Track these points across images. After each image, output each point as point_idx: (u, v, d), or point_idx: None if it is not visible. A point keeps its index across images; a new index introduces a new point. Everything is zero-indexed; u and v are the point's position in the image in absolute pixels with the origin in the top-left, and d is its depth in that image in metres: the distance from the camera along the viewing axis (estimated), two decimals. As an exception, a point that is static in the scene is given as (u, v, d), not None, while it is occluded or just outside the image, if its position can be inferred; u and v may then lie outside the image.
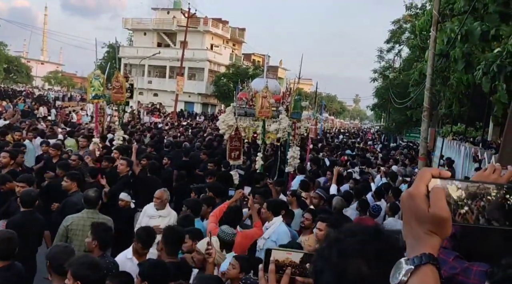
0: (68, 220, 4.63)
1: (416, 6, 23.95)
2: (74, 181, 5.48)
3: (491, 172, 1.31)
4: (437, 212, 0.83)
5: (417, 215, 0.86)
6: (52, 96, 39.37)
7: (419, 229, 0.86)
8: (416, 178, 0.91)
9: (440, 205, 0.84)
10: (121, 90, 9.53)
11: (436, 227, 0.84)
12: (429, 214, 0.84)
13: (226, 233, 4.02)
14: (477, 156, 10.51)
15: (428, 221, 0.84)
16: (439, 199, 0.84)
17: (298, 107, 10.57)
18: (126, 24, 48.25)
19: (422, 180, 0.88)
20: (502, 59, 6.64)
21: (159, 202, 5.32)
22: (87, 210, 4.76)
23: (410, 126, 27.93)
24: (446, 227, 0.84)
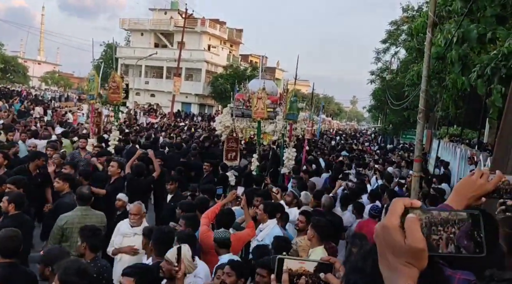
0: (62, 219, 4.63)
1: (413, 8, 23.99)
2: (66, 182, 5.44)
3: (478, 177, 1.30)
4: (414, 244, 0.83)
5: (393, 247, 0.85)
6: (48, 96, 39.26)
7: (395, 261, 0.85)
8: (389, 210, 0.90)
9: (416, 236, 0.83)
10: (117, 90, 9.50)
11: (413, 258, 0.84)
12: (405, 246, 0.83)
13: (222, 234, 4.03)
14: (473, 158, 10.52)
15: (405, 253, 0.84)
16: (415, 230, 0.84)
17: (293, 109, 10.55)
18: (123, 24, 48.19)
19: (395, 211, 0.88)
20: (496, 62, 6.63)
21: (137, 219, 4.64)
22: (80, 207, 4.79)
23: (407, 128, 27.98)
24: (423, 258, 0.84)
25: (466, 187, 1.29)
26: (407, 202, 0.89)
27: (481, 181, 1.28)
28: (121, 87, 9.50)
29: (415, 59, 19.34)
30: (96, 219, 4.80)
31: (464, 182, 1.31)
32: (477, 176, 1.30)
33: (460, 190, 1.30)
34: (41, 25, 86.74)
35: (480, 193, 1.28)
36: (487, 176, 1.30)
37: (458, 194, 1.29)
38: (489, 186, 1.29)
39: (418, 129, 6.85)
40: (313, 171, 10.53)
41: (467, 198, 1.27)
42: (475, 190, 1.27)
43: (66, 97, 42.08)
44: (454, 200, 1.28)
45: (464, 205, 1.25)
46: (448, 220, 0.89)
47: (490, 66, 6.65)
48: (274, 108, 11.53)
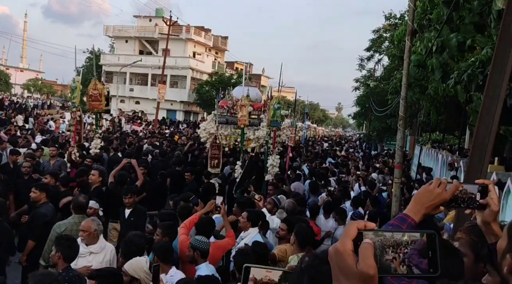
0: (60, 227, 4.69)
1: (395, 16, 24.37)
2: (43, 192, 5.33)
3: (436, 186, 1.30)
4: (365, 270, 0.84)
5: (345, 271, 0.87)
6: (30, 104, 38.64)
7: (347, 283, 0.87)
8: (342, 233, 0.91)
9: (367, 263, 0.85)
10: (99, 98, 9.37)
11: (363, 282, 0.85)
12: (356, 270, 0.85)
13: (202, 242, 3.97)
14: (453, 164, 10.66)
15: (355, 277, 0.85)
16: (367, 257, 0.85)
17: (277, 116, 10.57)
18: (107, 31, 47.87)
19: (348, 235, 0.89)
20: (473, 69, 6.75)
21: (87, 235, 4.27)
22: (77, 215, 4.85)
23: (391, 134, 28.29)
24: (374, 282, 0.86)
25: (424, 196, 1.29)
26: (361, 225, 0.91)
27: (439, 190, 1.29)
28: (103, 94, 9.38)
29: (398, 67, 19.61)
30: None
31: (422, 191, 1.31)
32: (435, 185, 1.30)
33: (418, 199, 1.30)
34: (24, 32, 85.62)
35: (438, 202, 1.28)
36: (444, 186, 1.30)
37: (416, 203, 1.29)
38: (446, 195, 1.29)
39: (398, 135, 6.90)
40: (295, 177, 10.53)
41: (425, 207, 1.27)
42: (433, 199, 1.28)
43: (48, 104, 41.48)
44: (412, 209, 1.28)
45: (422, 213, 1.25)
46: (401, 242, 0.90)
47: (467, 72, 6.77)
48: (258, 115, 11.54)
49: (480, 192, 1.33)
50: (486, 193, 1.33)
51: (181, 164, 10.71)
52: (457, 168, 10.47)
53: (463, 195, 1.33)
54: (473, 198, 1.33)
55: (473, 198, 1.33)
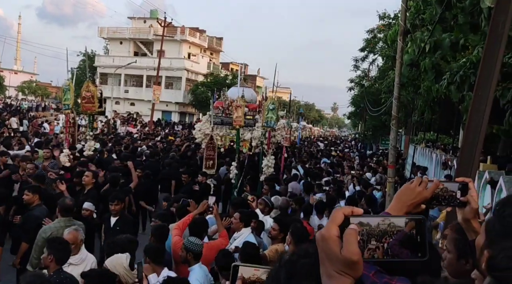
0: (46, 232, 4.60)
1: (389, 16, 24.45)
2: (36, 194, 5.31)
3: (417, 185, 1.32)
4: (348, 256, 0.86)
5: (330, 256, 0.89)
6: (25, 106, 38.44)
7: (332, 268, 0.88)
8: (329, 219, 0.93)
9: (351, 250, 0.86)
10: (92, 100, 9.35)
11: (347, 268, 0.87)
12: (341, 256, 0.87)
13: (195, 244, 3.97)
14: (447, 163, 10.72)
15: (340, 263, 0.87)
16: (351, 243, 0.87)
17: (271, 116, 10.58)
18: (102, 33, 47.74)
19: (334, 221, 0.91)
20: (465, 69, 6.79)
21: (74, 248, 4.00)
22: (63, 219, 4.77)
23: (386, 133, 28.39)
24: (357, 268, 0.88)
25: (405, 195, 1.31)
26: (348, 211, 0.92)
27: (419, 189, 1.31)
28: (95, 96, 9.37)
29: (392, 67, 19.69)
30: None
31: (404, 190, 1.33)
32: (416, 184, 1.32)
33: (400, 197, 1.32)
34: (18, 34, 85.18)
35: (419, 200, 1.30)
36: (425, 184, 1.32)
37: (398, 201, 1.31)
38: (427, 193, 1.31)
39: (391, 135, 6.96)
40: (292, 178, 10.55)
41: (407, 205, 1.29)
42: (414, 198, 1.30)
43: (43, 106, 41.29)
44: (394, 207, 1.29)
45: (404, 212, 1.27)
46: (387, 231, 0.92)
47: (459, 73, 6.81)
48: (253, 115, 11.56)
49: (460, 190, 1.35)
50: (466, 191, 1.35)
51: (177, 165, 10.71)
52: (451, 167, 10.53)
53: (444, 193, 1.35)
54: (454, 196, 1.35)
55: (453, 196, 1.35)
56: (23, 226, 5.11)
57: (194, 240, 4.04)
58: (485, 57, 3.73)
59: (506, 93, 6.80)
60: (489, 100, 3.58)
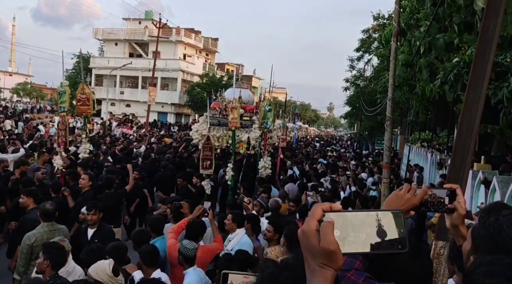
0: (30, 238, 4.54)
1: (383, 16, 24.53)
2: (31, 197, 5.30)
3: (406, 191, 1.34)
4: (325, 246, 0.88)
5: (310, 250, 0.91)
6: (20, 108, 38.31)
7: (313, 262, 0.91)
8: (308, 215, 0.95)
9: (327, 240, 0.88)
10: (87, 102, 9.34)
11: (326, 259, 0.89)
12: (319, 248, 0.89)
13: (188, 248, 3.98)
14: (442, 163, 10.78)
15: (319, 255, 0.90)
16: (327, 234, 0.89)
17: (268, 117, 10.60)
18: (97, 34, 47.60)
19: (314, 216, 0.93)
20: (459, 69, 6.84)
21: None
22: (46, 224, 4.71)
23: (381, 133, 28.43)
24: (336, 259, 0.89)
25: (394, 201, 1.34)
26: (326, 207, 0.95)
27: (408, 196, 1.34)
28: (91, 98, 9.35)
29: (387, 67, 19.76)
30: (63, 233, 4.75)
31: (393, 197, 1.36)
32: (405, 191, 1.35)
33: (389, 204, 1.35)
34: (12, 36, 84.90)
35: (408, 207, 1.33)
36: (413, 191, 1.35)
37: (388, 207, 1.33)
38: (415, 200, 1.34)
39: (386, 136, 6.96)
40: (288, 179, 10.56)
41: None
42: (403, 204, 1.33)
43: (38, 108, 41.15)
44: None
45: None
46: (364, 222, 0.93)
47: (453, 72, 6.86)
48: (250, 116, 11.56)
49: (448, 196, 1.38)
50: (454, 197, 1.38)
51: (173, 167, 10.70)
52: (446, 166, 10.59)
53: (432, 200, 1.38)
54: (442, 202, 1.38)
55: (441, 202, 1.38)
56: (19, 230, 5.08)
57: (187, 244, 4.05)
58: (476, 60, 3.77)
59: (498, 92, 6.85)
60: (481, 102, 3.62)
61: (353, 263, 1.21)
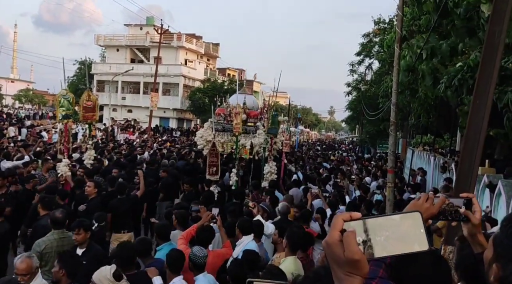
0: (40, 245, 4.59)
1: (384, 21, 24.62)
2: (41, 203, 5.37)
3: (424, 201, 1.37)
4: (350, 256, 0.91)
5: (336, 260, 0.94)
6: (22, 114, 38.41)
7: (340, 272, 0.94)
8: (331, 226, 0.98)
9: (351, 249, 0.92)
10: (93, 109, 9.38)
11: (352, 268, 0.92)
12: (344, 258, 0.92)
13: (197, 256, 4.00)
14: (445, 167, 10.78)
15: (345, 265, 0.93)
16: (350, 244, 0.92)
17: (275, 123, 10.65)
18: (99, 40, 47.82)
19: (335, 227, 0.96)
20: (463, 73, 6.88)
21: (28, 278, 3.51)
22: (56, 231, 4.75)
23: (383, 137, 28.46)
24: (361, 267, 0.92)
25: None
26: (346, 216, 0.97)
27: (426, 205, 1.36)
28: (96, 105, 9.41)
29: (388, 71, 19.83)
30: (72, 241, 4.75)
31: (411, 207, 1.39)
32: (423, 200, 1.38)
33: None
34: (14, 42, 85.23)
35: (426, 217, 1.36)
36: (431, 200, 1.37)
37: None
38: (434, 209, 1.37)
39: (390, 141, 7.02)
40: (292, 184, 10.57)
41: None
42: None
43: (40, 115, 41.27)
44: None
45: None
46: (384, 226, 0.96)
47: (457, 77, 6.90)
48: (254, 122, 11.59)
49: (465, 205, 1.41)
50: (470, 206, 1.41)
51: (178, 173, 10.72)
52: (449, 170, 10.60)
53: (450, 209, 1.40)
54: (459, 211, 1.40)
55: (458, 211, 1.40)
56: (32, 236, 5.19)
57: (197, 251, 4.07)
58: (482, 66, 3.81)
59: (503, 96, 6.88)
60: (487, 108, 3.66)
61: (376, 272, 1.24)
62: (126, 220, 6.95)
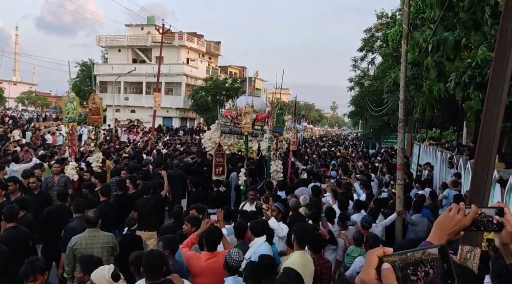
0: (72, 241, 4.97)
1: (387, 15, 24.51)
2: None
3: (455, 212, 1.35)
4: None
5: None
6: (26, 117, 38.53)
7: None
8: (364, 263, 0.97)
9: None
10: (98, 111, 9.41)
11: None
12: None
13: (233, 259, 4.09)
14: (453, 162, 10.73)
15: None
16: (390, 283, 0.91)
17: (280, 121, 10.63)
18: (100, 41, 47.82)
19: (371, 265, 0.95)
20: (472, 70, 6.83)
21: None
22: (88, 229, 5.08)
23: (387, 132, 28.38)
24: None
25: (445, 223, 1.34)
26: (380, 252, 0.97)
27: (459, 217, 1.34)
28: (101, 108, 9.44)
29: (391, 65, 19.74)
30: (104, 240, 5.12)
31: (443, 219, 1.37)
32: (455, 212, 1.35)
33: (439, 226, 1.35)
34: (16, 45, 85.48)
35: (459, 228, 1.34)
36: (463, 212, 1.35)
37: (439, 230, 1.34)
38: (466, 221, 1.34)
39: (399, 137, 6.99)
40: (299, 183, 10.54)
41: (447, 234, 1.33)
42: (454, 226, 1.33)
43: (44, 117, 41.39)
44: (435, 236, 1.33)
45: (445, 240, 1.31)
46: (422, 260, 0.96)
47: (467, 74, 6.85)
48: (262, 126, 11.57)
49: (497, 214, 1.39)
50: (503, 215, 1.38)
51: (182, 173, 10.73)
52: (457, 165, 10.55)
53: (482, 219, 1.38)
54: (491, 221, 1.38)
55: (491, 221, 1.38)
56: (63, 238, 5.47)
57: (234, 254, 4.13)
58: (496, 63, 3.77)
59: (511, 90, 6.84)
60: (502, 105, 3.62)
61: None
62: (150, 219, 7.24)
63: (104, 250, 5.07)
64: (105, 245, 5.09)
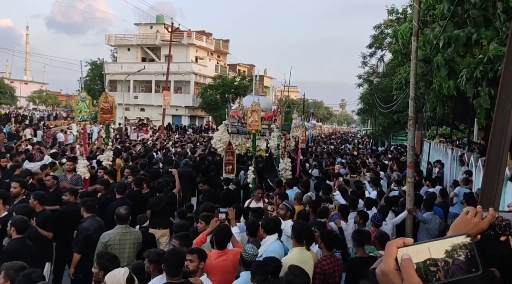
0: (105, 237, 5.06)
1: (397, 11, 24.31)
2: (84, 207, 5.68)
3: (472, 216, 1.33)
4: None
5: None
6: (37, 116, 38.93)
7: None
8: (384, 254, 0.98)
9: (411, 280, 0.90)
10: (110, 110, 9.45)
11: None
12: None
13: (248, 253, 4.22)
14: (464, 160, 10.64)
15: None
16: (409, 274, 0.91)
17: (288, 119, 10.64)
18: (109, 40, 48.13)
19: (390, 255, 0.95)
20: (484, 65, 6.76)
21: None
22: (119, 226, 5.19)
23: (397, 130, 28.21)
24: None
25: (462, 227, 1.32)
26: (400, 243, 0.96)
27: (476, 220, 1.32)
28: (114, 107, 9.48)
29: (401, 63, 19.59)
30: (135, 236, 5.28)
31: (460, 222, 1.35)
32: (472, 215, 1.33)
33: (456, 229, 1.33)
34: (26, 44, 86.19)
35: (476, 232, 1.32)
36: (481, 215, 1.33)
37: (455, 233, 1.33)
38: (484, 224, 1.32)
39: (409, 135, 6.94)
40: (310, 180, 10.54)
41: None
42: (471, 229, 1.31)
43: (54, 116, 41.79)
44: None
45: None
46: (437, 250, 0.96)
47: (479, 69, 6.79)
48: (269, 124, 11.59)
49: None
50: None
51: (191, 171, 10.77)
52: (468, 163, 10.46)
53: (500, 222, 1.36)
54: (509, 224, 1.37)
55: (509, 224, 1.37)
56: (75, 238, 5.50)
57: (249, 249, 4.25)
58: (508, 60, 3.75)
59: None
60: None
61: None
62: (163, 218, 7.37)
63: (135, 246, 5.23)
64: (136, 241, 5.26)
